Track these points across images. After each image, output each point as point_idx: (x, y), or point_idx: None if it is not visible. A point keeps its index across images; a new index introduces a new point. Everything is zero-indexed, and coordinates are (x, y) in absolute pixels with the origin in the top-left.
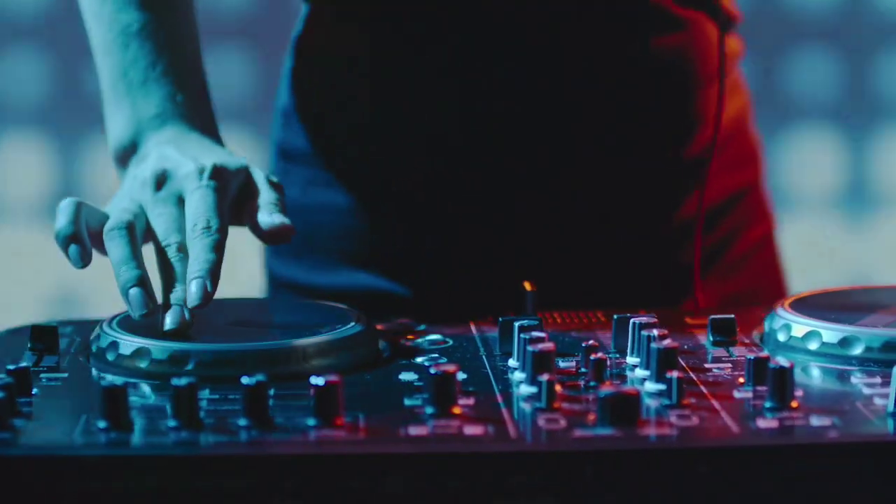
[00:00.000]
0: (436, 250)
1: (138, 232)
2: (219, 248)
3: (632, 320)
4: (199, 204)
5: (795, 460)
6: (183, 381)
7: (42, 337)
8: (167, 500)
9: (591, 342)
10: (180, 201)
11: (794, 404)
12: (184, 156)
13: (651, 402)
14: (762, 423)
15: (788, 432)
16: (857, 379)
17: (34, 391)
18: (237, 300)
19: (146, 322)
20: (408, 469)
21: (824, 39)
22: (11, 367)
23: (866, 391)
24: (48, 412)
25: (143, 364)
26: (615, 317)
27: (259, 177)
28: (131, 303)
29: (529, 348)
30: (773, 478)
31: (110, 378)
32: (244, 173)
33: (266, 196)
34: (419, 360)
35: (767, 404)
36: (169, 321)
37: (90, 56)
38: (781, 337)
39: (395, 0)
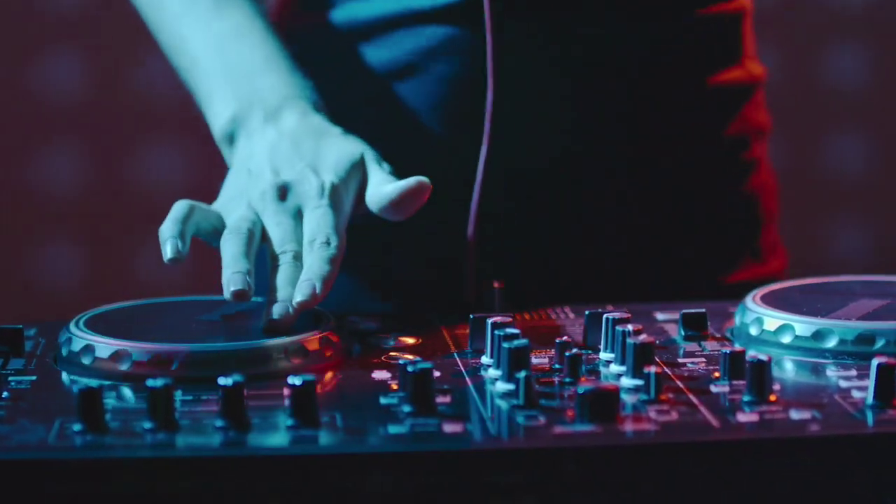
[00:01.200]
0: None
1: (255, 239)
2: (334, 262)
3: (605, 316)
4: (319, 221)
5: (778, 454)
6: (159, 383)
7: (7, 339)
8: (146, 503)
9: (564, 338)
10: (299, 214)
11: (772, 398)
12: (301, 158)
13: (628, 398)
14: (742, 418)
15: (769, 426)
16: (833, 372)
17: (4, 394)
18: (203, 300)
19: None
20: (389, 468)
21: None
22: None
23: (843, 384)
24: (20, 415)
25: (120, 366)
26: (587, 312)
27: (371, 161)
28: (230, 282)
29: (505, 345)
30: (755, 471)
31: (84, 380)
32: (360, 170)
33: (379, 177)
34: (389, 358)
35: (746, 398)
36: (274, 312)
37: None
38: (753, 331)
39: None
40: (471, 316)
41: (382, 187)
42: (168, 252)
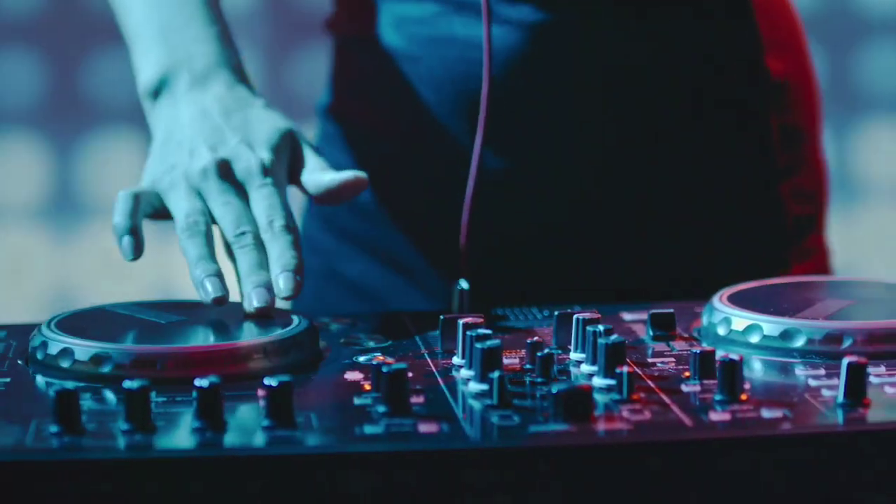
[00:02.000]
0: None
1: (211, 231)
2: (298, 245)
3: (575, 316)
4: (270, 201)
5: (750, 452)
6: (135, 385)
7: None
8: None
9: (535, 339)
10: (242, 192)
11: (743, 397)
12: (234, 133)
13: (600, 398)
14: (714, 416)
15: (742, 425)
16: (801, 371)
17: None
18: (173, 302)
19: (84, 327)
20: (365, 468)
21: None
22: None
23: (812, 383)
24: None
25: (95, 368)
26: (556, 313)
27: (304, 142)
28: (207, 289)
29: (477, 345)
30: (728, 470)
31: (58, 382)
32: (289, 146)
33: (315, 161)
34: (362, 359)
35: (717, 397)
36: (257, 301)
37: (86, 53)
38: (721, 331)
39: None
40: (441, 317)
41: (321, 175)
42: (127, 252)
